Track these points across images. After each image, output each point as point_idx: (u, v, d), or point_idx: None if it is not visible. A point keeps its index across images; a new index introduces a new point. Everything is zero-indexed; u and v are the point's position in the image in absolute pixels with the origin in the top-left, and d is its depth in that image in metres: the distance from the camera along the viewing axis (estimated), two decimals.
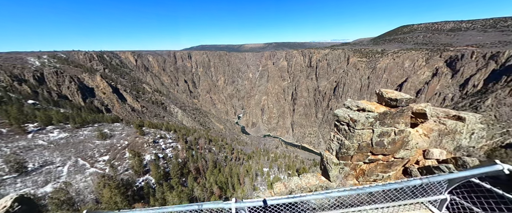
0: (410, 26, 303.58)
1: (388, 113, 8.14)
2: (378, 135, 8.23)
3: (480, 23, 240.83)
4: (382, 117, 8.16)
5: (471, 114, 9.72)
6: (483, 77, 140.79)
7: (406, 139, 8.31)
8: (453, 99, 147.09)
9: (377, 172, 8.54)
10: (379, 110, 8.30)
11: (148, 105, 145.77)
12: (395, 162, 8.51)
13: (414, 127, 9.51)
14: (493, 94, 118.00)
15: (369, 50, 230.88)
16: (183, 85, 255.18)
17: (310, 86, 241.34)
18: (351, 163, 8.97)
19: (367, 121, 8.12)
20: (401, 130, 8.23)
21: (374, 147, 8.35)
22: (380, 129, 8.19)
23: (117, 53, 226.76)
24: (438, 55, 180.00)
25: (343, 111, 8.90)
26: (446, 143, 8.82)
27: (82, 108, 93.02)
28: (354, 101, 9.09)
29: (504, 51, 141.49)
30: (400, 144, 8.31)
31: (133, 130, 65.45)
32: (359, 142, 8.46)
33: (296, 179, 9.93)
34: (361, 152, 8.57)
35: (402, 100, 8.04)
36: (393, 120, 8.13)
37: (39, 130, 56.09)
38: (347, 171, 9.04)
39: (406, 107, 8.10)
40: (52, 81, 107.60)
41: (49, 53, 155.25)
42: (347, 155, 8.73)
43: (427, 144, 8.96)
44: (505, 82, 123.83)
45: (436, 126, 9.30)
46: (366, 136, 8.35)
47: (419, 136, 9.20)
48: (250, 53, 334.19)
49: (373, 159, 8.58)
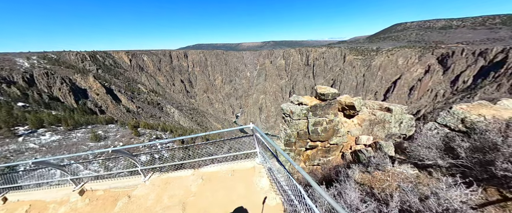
0: (404, 24, 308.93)
1: (319, 105, 9.78)
2: (313, 124, 9.85)
3: (470, 21, 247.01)
4: (314, 109, 9.83)
5: (398, 106, 11.10)
6: (473, 74, 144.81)
7: (336, 128, 9.97)
8: (444, 95, 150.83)
9: (318, 157, 9.93)
10: (312, 103, 9.91)
11: (144, 106, 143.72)
12: (332, 148, 9.96)
13: (350, 118, 11.00)
14: (481, 90, 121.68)
15: (364, 48, 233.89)
16: (180, 85, 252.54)
17: (308, 84, 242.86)
18: (295, 149, 10.53)
19: (301, 112, 9.82)
20: (331, 120, 9.87)
21: (310, 134, 10.03)
22: (313, 119, 9.84)
23: (110, 53, 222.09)
24: (430, 52, 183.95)
25: (286, 105, 10.46)
26: (377, 131, 10.10)
27: (75, 109, 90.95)
28: (297, 97, 10.62)
29: (492, 48, 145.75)
30: (332, 132, 9.94)
31: (128, 131, 64.49)
32: (297, 130, 10.18)
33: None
34: (301, 139, 10.29)
35: (329, 94, 9.70)
36: (323, 111, 9.78)
37: (30, 133, 54.59)
38: (293, 156, 10.50)
39: (332, 100, 9.75)
40: (43, 82, 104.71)
41: (38, 53, 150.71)
42: (290, 142, 10.43)
43: (359, 132, 10.32)
44: (493, 78, 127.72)
45: (368, 117, 10.80)
46: (303, 125, 10.06)
47: (354, 125, 10.66)
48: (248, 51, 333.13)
49: (312, 145, 10.26)
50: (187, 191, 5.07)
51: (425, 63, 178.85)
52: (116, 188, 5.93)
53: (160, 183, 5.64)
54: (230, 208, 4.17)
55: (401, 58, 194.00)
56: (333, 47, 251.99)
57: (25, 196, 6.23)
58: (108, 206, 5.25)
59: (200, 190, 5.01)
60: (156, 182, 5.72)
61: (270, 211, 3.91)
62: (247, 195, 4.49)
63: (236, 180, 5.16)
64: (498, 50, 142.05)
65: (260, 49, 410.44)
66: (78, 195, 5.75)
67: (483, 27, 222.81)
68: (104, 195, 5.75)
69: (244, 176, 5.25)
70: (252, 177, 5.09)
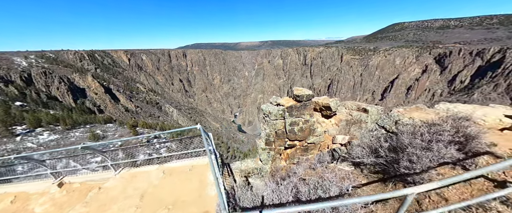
0: (401, 24, 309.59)
1: (294, 106, 10.13)
2: (289, 124, 10.24)
3: (467, 21, 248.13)
4: (290, 110, 10.21)
5: (375, 107, 11.56)
6: (470, 73, 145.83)
7: (312, 127, 10.29)
8: (441, 94, 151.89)
9: (297, 155, 10.38)
10: (288, 104, 10.35)
11: (143, 105, 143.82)
12: (310, 147, 10.35)
13: (328, 118, 11.46)
14: (479, 90, 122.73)
15: (362, 47, 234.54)
16: (178, 84, 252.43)
17: (305, 83, 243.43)
18: (275, 148, 10.93)
19: (278, 113, 10.29)
20: (306, 120, 10.18)
21: (288, 134, 10.42)
22: (290, 119, 10.23)
23: (109, 52, 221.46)
24: (427, 52, 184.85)
25: (266, 106, 10.93)
26: (354, 131, 10.50)
27: (73, 109, 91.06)
28: (275, 98, 11.10)
29: (489, 48, 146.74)
30: (308, 132, 10.25)
31: (126, 131, 64.75)
32: (275, 130, 10.60)
33: (238, 163, 11.97)
34: (279, 138, 10.68)
35: (303, 96, 10.06)
36: (299, 112, 10.15)
37: (28, 133, 54.77)
38: (273, 155, 10.97)
39: (307, 101, 10.13)
40: (41, 81, 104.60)
41: (36, 52, 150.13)
42: (269, 141, 10.84)
43: (336, 131, 10.77)
44: (490, 78, 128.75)
45: (345, 117, 11.25)
46: (280, 125, 10.48)
47: (331, 125, 11.08)
48: (246, 51, 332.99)
49: (291, 144, 10.65)
50: (149, 183, 5.86)
51: (422, 63, 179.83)
52: (92, 181, 6.74)
53: (128, 177, 6.41)
54: (181, 197, 4.99)
55: (399, 58, 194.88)
56: (330, 47, 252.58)
57: (12, 188, 6.93)
58: (82, 196, 6.01)
59: (160, 182, 5.80)
60: (125, 176, 6.50)
61: (211, 200, 4.87)
62: (199, 188, 5.32)
63: (193, 174, 5.92)
64: (495, 50, 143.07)
65: (258, 48, 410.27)
66: (57, 187, 6.50)
67: (481, 27, 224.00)
68: (80, 187, 6.53)
69: (200, 171, 6.06)
70: (207, 172, 5.89)
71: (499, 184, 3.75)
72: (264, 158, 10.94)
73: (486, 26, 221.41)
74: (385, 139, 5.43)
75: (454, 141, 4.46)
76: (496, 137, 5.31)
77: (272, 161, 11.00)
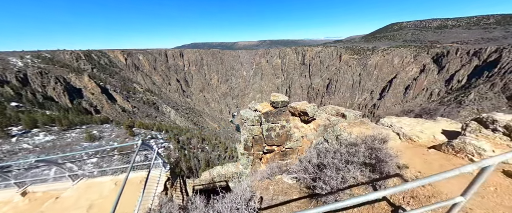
0: (400, 23, 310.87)
1: (270, 112, 10.30)
2: (266, 130, 10.41)
3: (464, 21, 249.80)
4: (266, 116, 10.37)
5: (353, 112, 11.89)
6: (467, 73, 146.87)
7: (289, 133, 10.47)
8: (439, 94, 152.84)
9: (276, 160, 10.44)
10: (264, 111, 10.46)
11: (139, 105, 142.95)
12: (288, 151, 10.50)
13: (307, 123, 11.64)
14: (475, 89, 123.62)
15: (360, 47, 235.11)
16: (176, 84, 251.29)
17: (304, 83, 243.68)
18: (253, 153, 11.07)
19: (254, 118, 10.42)
20: (283, 125, 10.36)
21: (265, 139, 10.59)
22: (266, 125, 10.40)
23: (105, 52, 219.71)
24: (425, 51, 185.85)
25: (244, 112, 11.08)
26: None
27: (70, 109, 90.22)
28: (255, 103, 11.30)
29: (486, 48, 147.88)
30: (285, 137, 10.42)
31: (123, 131, 64.31)
32: (253, 135, 10.70)
33: (219, 168, 12.06)
34: (257, 143, 10.82)
35: (279, 102, 10.23)
36: (275, 118, 10.31)
37: (24, 133, 54.16)
38: (252, 159, 11.07)
39: (283, 108, 10.32)
40: (37, 82, 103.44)
41: (32, 52, 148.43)
42: (247, 146, 10.93)
43: (314, 136, 10.83)
44: (486, 78, 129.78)
45: (323, 122, 11.40)
46: (257, 131, 10.63)
47: (310, 130, 11.20)
48: (244, 50, 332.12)
49: (269, 149, 10.84)
50: (100, 194, 6.10)
51: (420, 62, 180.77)
52: (54, 190, 6.97)
53: (84, 187, 6.66)
54: (125, 209, 5.07)
55: (397, 57, 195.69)
56: (329, 46, 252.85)
57: None
58: (41, 205, 6.25)
59: (110, 194, 6.02)
60: (81, 186, 6.74)
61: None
62: (146, 198, 5.51)
63: (143, 185, 5.89)
64: (492, 49, 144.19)
65: (256, 48, 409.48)
66: (21, 196, 6.74)
67: (478, 27, 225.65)
68: (42, 196, 6.74)
69: (151, 182, 6.25)
70: (155, 184, 6.22)
71: (395, 209, 3.76)
72: (243, 162, 11.13)
73: (483, 26, 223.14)
74: (318, 154, 5.46)
75: (366, 163, 4.63)
76: (417, 157, 5.49)
77: (252, 166, 11.08)
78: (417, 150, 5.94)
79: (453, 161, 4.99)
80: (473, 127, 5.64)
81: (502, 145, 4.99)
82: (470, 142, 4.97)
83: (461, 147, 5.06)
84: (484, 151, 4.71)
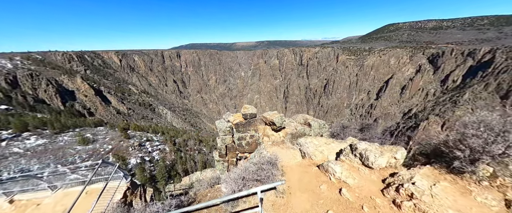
0: (396, 24, 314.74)
1: (240, 123, 11.37)
2: (237, 139, 11.44)
3: (459, 22, 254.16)
4: (237, 126, 11.42)
5: (318, 122, 12.82)
6: (462, 73, 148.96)
7: (258, 141, 11.28)
8: (435, 94, 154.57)
9: None
10: (235, 121, 11.32)
11: (135, 107, 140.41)
12: None
13: (277, 132, 12.46)
14: (470, 89, 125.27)
15: (357, 48, 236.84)
16: (172, 85, 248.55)
17: (301, 84, 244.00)
18: (227, 159, 11.99)
19: (226, 129, 11.54)
20: (252, 135, 11.31)
21: (237, 147, 11.61)
22: (237, 134, 11.40)
23: (99, 53, 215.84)
24: (421, 52, 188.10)
25: (219, 122, 12.18)
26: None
27: (62, 112, 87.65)
28: (228, 114, 12.36)
29: (480, 49, 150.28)
30: (255, 145, 11.24)
31: (117, 134, 62.58)
32: (225, 144, 11.71)
33: (198, 173, 13.16)
34: (231, 151, 11.86)
35: (247, 114, 11.46)
36: (245, 128, 11.44)
37: (14, 137, 52.16)
38: (227, 165, 12.00)
39: (251, 119, 11.35)
40: (27, 84, 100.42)
41: (22, 54, 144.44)
42: (222, 153, 12.03)
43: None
44: (480, 78, 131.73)
45: (291, 130, 12.11)
46: (229, 140, 11.74)
47: (280, 138, 11.88)
48: (242, 51, 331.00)
49: (242, 156, 11.85)
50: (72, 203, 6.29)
51: (416, 63, 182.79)
52: (36, 198, 7.63)
53: (61, 196, 7.39)
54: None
55: (393, 58, 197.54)
56: (326, 47, 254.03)
57: None
58: (24, 211, 7.05)
59: (81, 202, 6.25)
60: (59, 195, 7.47)
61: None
62: (111, 206, 6.28)
63: (109, 195, 6.86)
64: (485, 50, 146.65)
65: (254, 49, 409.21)
66: (8, 203, 7.40)
67: (472, 28, 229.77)
68: (26, 203, 7.43)
69: (111, 191, 7.06)
70: (119, 194, 7.07)
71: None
72: (219, 168, 12.29)
73: (477, 27, 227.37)
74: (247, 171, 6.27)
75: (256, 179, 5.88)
76: (299, 174, 6.61)
77: (228, 171, 11.79)
78: (308, 168, 6.96)
79: (321, 178, 6.23)
80: (346, 151, 6.77)
81: (354, 167, 6.24)
82: (329, 164, 6.25)
83: (326, 168, 6.30)
84: (335, 172, 5.91)
